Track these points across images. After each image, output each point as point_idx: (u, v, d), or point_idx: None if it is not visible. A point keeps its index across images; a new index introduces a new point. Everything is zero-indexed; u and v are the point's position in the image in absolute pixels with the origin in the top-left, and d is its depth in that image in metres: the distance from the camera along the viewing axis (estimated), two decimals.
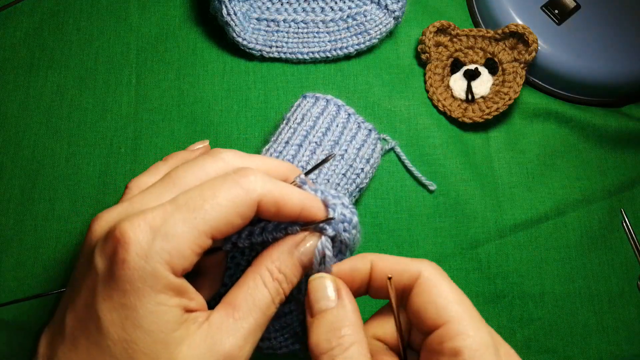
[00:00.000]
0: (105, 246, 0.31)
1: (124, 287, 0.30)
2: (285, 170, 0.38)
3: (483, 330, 0.32)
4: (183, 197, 0.32)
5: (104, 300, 0.30)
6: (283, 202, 0.34)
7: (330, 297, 0.34)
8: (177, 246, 0.30)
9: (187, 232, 0.30)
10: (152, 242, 0.30)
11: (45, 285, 0.52)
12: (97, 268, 0.31)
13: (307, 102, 0.50)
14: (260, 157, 0.37)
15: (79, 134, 0.56)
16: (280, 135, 0.48)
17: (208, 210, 0.31)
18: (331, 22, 0.58)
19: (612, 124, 0.58)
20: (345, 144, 0.49)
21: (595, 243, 0.55)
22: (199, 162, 0.35)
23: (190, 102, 0.57)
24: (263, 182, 0.33)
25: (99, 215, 0.34)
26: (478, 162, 0.57)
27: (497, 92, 0.56)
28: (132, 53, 0.58)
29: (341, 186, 0.49)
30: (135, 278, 0.29)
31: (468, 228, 0.55)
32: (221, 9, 0.54)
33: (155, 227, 0.30)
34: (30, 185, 0.54)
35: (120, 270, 0.29)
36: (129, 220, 0.30)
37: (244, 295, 0.33)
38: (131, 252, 0.29)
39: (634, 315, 0.53)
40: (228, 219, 0.32)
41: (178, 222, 0.30)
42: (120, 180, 0.54)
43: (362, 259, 0.36)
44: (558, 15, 0.58)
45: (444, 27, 0.58)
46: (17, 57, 0.58)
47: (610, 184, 0.57)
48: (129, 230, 0.30)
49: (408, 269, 0.34)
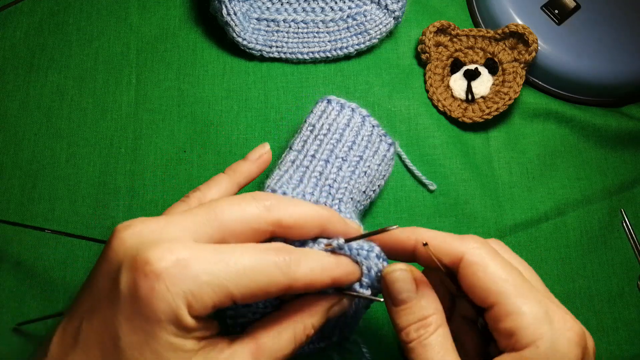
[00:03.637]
0: (135, 268, 0.30)
1: (147, 314, 0.30)
2: (325, 218, 0.37)
3: (532, 304, 0.32)
4: (225, 251, 0.32)
5: (126, 321, 0.30)
6: (315, 287, 0.35)
7: (411, 289, 0.35)
8: (202, 295, 0.30)
9: (217, 288, 0.31)
10: (182, 281, 0.30)
11: (45, 285, 0.52)
12: (121, 286, 0.31)
13: (333, 109, 0.49)
14: (301, 206, 0.37)
15: (79, 134, 0.56)
16: (306, 146, 0.47)
17: (242, 278, 0.31)
18: (331, 22, 0.58)
19: (612, 124, 0.58)
20: (369, 159, 0.48)
21: (595, 243, 0.55)
22: (244, 204, 0.34)
23: (190, 102, 0.57)
24: (305, 273, 0.33)
25: (132, 225, 0.33)
26: (478, 162, 0.57)
27: (497, 92, 0.56)
28: (132, 53, 0.58)
29: (360, 203, 0.48)
30: (160, 309, 0.30)
31: (468, 228, 0.55)
32: (221, 9, 0.54)
33: (189, 268, 0.30)
34: (30, 185, 0.54)
35: (147, 299, 0.30)
36: (167, 249, 0.31)
37: (272, 340, 0.34)
38: (161, 284, 0.30)
39: (634, 315, 0.53)
40: (257, 295, 0.32)
41: (212, 273, 0.31)
42: (120, 180, 0.54)
43: (406, 235, 0.37)
44: (558, 15, 0.58)
45: (444, 27, 0.58)
46: (17, 57, 0.58)
47: (610, 184, 0.57)
48: (164, 261, 0.30)
49: (451, 249, 0.35)
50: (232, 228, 0.33)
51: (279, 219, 0.35)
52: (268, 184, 0.44)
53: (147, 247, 0.31)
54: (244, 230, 0.34)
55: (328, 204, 0.44)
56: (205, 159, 0.55)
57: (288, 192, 0.43)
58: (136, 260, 0.30)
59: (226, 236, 0.33)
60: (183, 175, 0.55)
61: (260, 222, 0.34)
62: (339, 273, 0.36)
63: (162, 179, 0.55)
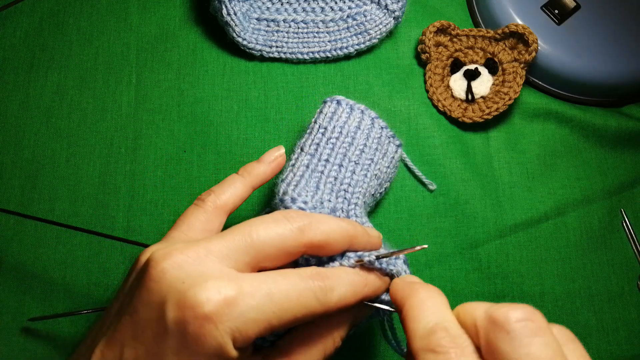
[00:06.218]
0: (184, 307, 0.31)
1: (195, 349, 0.31)
2: (352, 233, 0.38)
3: None
4: (268, 282, 0.32)
5: (173, 355, 0.31)
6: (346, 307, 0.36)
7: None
8: (248, 331, 0.31)
9: (261, 323, 0.32)
10: (230, 320, 0.31)
11: (45, 285, 0.52)
12: (168, 321, 0.31)
13: (343, 110, 0.49)
14: (329, 223, 0.37)
15: (79, 134, 0.56)
16: (319, 149, 0.47)
17: (285, 312, 0.32)
18: (331, 22, 0.58)
19: (612, 124, 0.58)
20: (379, 162, 0.49)
21: (595, 243, 0.55)
22: (278, 228, 0.35)
23: (190, 102, 0.57)
24: (338, 300, 0.34)
25: (171, 255, 0.33)
26: (478, 162, 0.57)
27: (497, 92, 0.56)
28: (132, 53, 0.58)
29: (368, 205, 0.49)
30: (208, 345, 0.31)
31: (468, 228, 0.55)
32: (221, 9, 0.54)
33: (236, 306, 0.31)
34: (30, 185, 0.54)
35: (196, 336, 0.31)
36: (214, 288, 0.31)
37: (304, 356, 0.36)
38: (210, 324, 0.30)
39: (634, 315, 0.53)
40: (295, 323, 0.33)
41: (258, 309, 0.31)
42: (120, 180, 0.54)
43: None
44: (558, 15, 0.58)
45: (444, 27, 0.58)
46: (17, 57, 0.58)
47: (610, 184, 0.57)
48: (212, 302, 0.31)
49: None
50: (268, 252, 0.34)
51: (311, 240, 0.35)
52: (284, 189, 0.44)
53: (194, 285, 0.31)
54: (279, 254, 0.35)
55: (345, 210, 0.45)
56: (205, 159, 0.55)
57: (308, 200, 0.43)
58: (184, 299, 0.31)
59: (262, 260, 0.34)
60: (183, 175, 0.55)
61: (294, 245, 0.35)
62: (367, 291, 0.36)
63: (162, 179, 0.55)
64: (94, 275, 0.52)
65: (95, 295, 0.52)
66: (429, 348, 0.29)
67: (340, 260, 0.37)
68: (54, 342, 0.51)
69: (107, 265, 0.52)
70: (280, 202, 0.43)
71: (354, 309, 0.38)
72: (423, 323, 0.30)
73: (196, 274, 0.32)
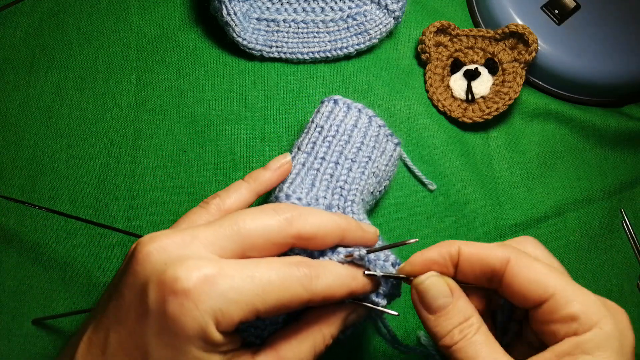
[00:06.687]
0: (164, 285, 0.31)
1: (176, 330, 0.31)
2: (344, 227, 0.38)
3: (587, 293, 0.33)
4: (250, 267, 0.32)
5: (155, 337, 0.31)
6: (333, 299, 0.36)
7: (447, 293, 0.35)
8: (230, 312, 0.31)
9: (244, 304, 0.31)
10: (210, 298, 0.31)
11: (45, 285, 0.52)
12: (150, 302, 0.31)
13: (340, 109, 0.49)
14: (320, 216, 0.37)
15: (79, 134, 0.56)
16: (316, 147, 0.47)
17: (268, 294, 0.32)
18: (331, 22, 0.58)
19: (612, 124, 0.58)
20: (377, 160, 0.49)
21: (595, 243, 0.55)
22: (266, 218, 0.35)
23: (190, 102, 0.57)
24: (324, 287, 0.34)
25: (157, 238, 0.33)
26: (478, 162, 0.57)
27: (497, 92, 0.56)
28: (132, 53, 0.58)
29: (368, 203, 0.49)
30: (189, 326, 0.30)
31: (468, 228, 0.55)
32: (221, 9, 0.54)
33: (216, 285, 0.31)
34: (30, 185, 0.54)
35: (176, 316, 0.30)
36: (194, 266, 0.31)
37: (293, 352, 0.35)
38: (189, 302, 0.30)
39: (634, 316, 0.53)
40: (280, 309, 0.33)
41: (239, 290, 0.31)
42: (120, 180, 0.54)
43: (448, 247, 0.36)
44: (558, 15, 0.58)
45: (444, 27, 0.58)
46: (17, 57, 0.58)
47: (610, 184, 0.57)
48: (192, 279, 0.31)
49: (496, 256, 0.35)
50: (254, 242, 0.34)
51: (299, 232, 0.35)
52: (280, 187, 0.45)
53: (175, 263, 0.31)
54: (266, 244, 0.34)
55: (341, 206, 0.45)
56: (205, 159, 0.55)
57: (302, 197, 0.43)
58: (164, 277, 0.31)
59: (248, 250, 0.34)
60: (183, 175, 0.55)
61: (281, 235, 0.35)
62: (355, 285, 0.36)
63: (162, 179, 0.55)
64: (94, 275, 0.52)
65: (95, 295, 0.52)
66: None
67: (331, 255, 0.37)
68: (54, 342, 0.51)
69: (107, 265, 0.52)
70: (275, 200, 0.43)
71: (346, 308, 0.38)
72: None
73: (179, 256, 0.32)
